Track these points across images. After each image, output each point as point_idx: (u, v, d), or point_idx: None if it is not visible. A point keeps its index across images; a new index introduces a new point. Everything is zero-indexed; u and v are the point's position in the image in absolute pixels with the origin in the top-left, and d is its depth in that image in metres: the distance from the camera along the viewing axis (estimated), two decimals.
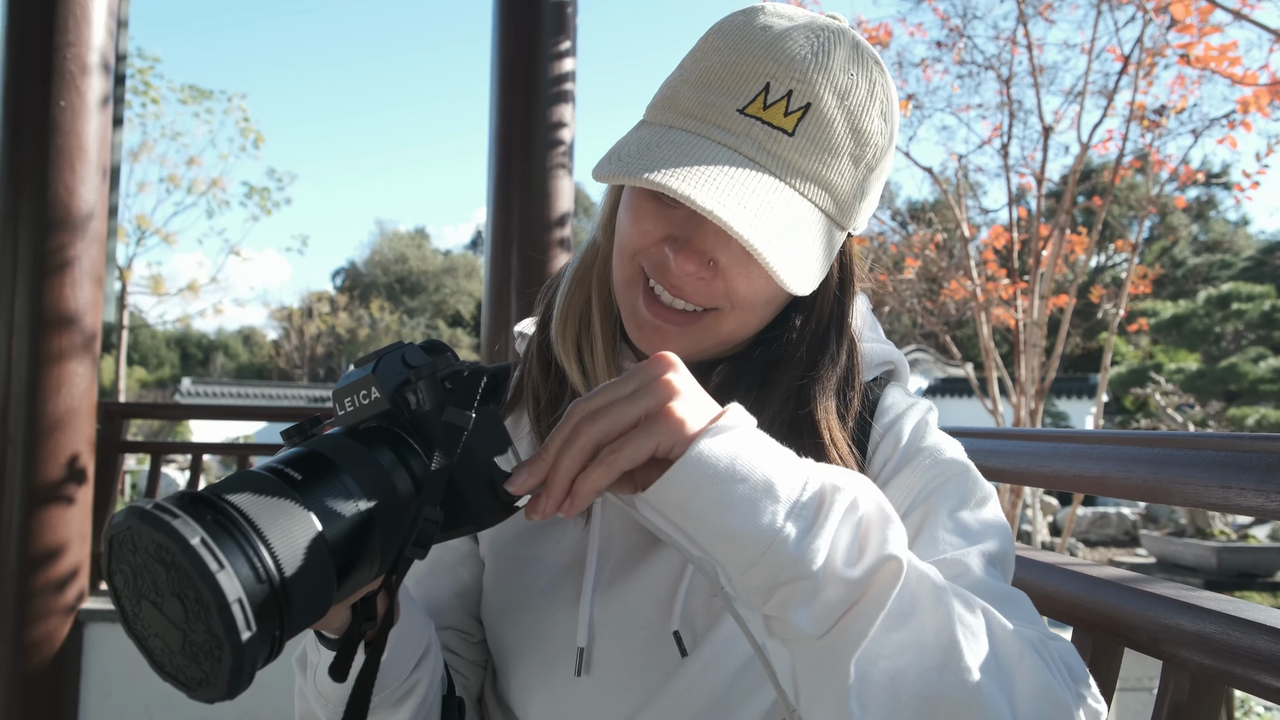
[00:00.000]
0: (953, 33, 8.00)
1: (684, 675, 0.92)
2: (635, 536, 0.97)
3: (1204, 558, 12.26)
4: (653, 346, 0.89)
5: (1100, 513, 16.12)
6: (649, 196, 0.88)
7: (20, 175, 3.73)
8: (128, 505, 0.60)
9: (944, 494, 0.88)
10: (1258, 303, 20.26)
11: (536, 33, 3.88)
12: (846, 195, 0.86)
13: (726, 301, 0.88)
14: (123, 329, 17.89)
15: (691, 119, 0.85)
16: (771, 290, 0.88)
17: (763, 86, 0.83)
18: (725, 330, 0.90)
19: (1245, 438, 1.04)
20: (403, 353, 0.74)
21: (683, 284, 0.87)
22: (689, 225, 0.86)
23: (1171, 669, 1.04)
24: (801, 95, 0.83)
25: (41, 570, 3.76)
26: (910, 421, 0.95)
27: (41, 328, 3.72)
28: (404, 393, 0.71)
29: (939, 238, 8.67)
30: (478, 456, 0.72)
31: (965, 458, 0.93)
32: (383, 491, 0.68)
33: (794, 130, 0.82)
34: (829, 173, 0.84)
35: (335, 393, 0.75)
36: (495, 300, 3.90)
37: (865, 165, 0.87)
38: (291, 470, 0.65)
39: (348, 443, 0.70)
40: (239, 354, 47.59)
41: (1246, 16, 3.99)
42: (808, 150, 0.83)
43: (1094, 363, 22.60)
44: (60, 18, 3.73)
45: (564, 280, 1.03)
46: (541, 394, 1.00)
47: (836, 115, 0.83)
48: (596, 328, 0.98)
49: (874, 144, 0.87)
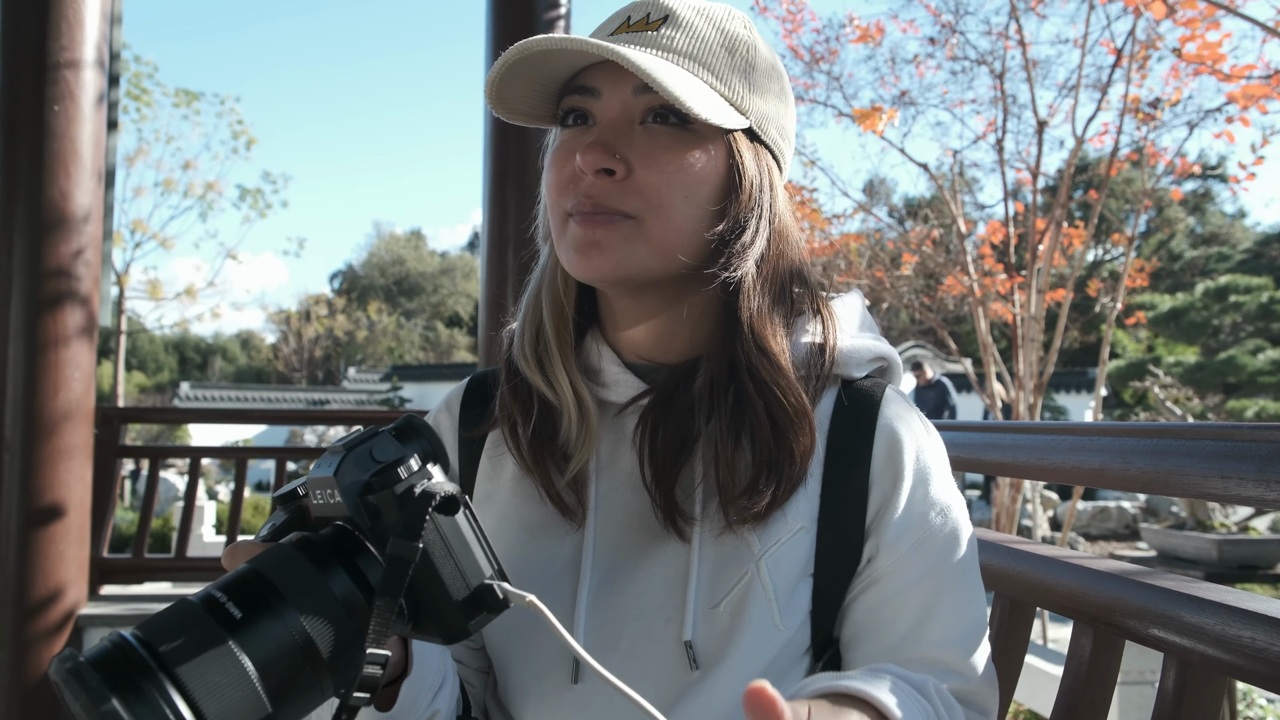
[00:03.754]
0: (945, 29, 7.99)
1: (693, 689, 0.90)
2: (633, 541, 0.95)
3: (1205, 550, 12.24)
4: (590, 262, 0.89)
5: (1100, 506, 16.13)
6: (558, 145, 0.93)
7: (15, 180, 3.72)
8: (58, 656, 0.57)
9: (950, 570, 0.93)
10: (1255, 294, 20.27)
11: (530, 33, 3.87)
12: (729, 78, 0.91)
13: (642, 201, 0.88)
14: (120, 333, 17.86)
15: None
16: (684, 179, 0.89)
17: (624, 19, 0.93)
18: (654, 234, 0.89)
19: (1244, 427, 1.04)
20: (371, 447, 0.69)
21: (596, 188, 0.88)
22: (590, 134, 0.91)
23: (1172, 661, 1.03)
24: (659, 12, 0.92)
25: (40, 576, 3.76)
26: (910, 456, 0.94)
27: (38, 332, 3.71)
28: (363, 504, 0.67)
29: (935, 233, 8.66)
30: (443, 576, 0.67)
31: (962, 509, 0.96)
32: (334, 626, 0.64)
33: (659, 31, 0.91)
34: (702, 53, 0.90)
35: (308, 481, 0.72)
36: (492, 301, 3.91)
37: (741, 58, 0.92)
38: (232, 606, 0.62)
39: (299, 565, 0.65)
40: (237, 357, 47.55)
41: (1236, 10, 3.98)
42: (675, 38, 0.90)
43: (1092, 357, 22.62)
44: (53, 21, 3.73)
45: (522, 302, 1.04)
46: (515, 413, 1.00)
47: (696, 19, 0.92)
48: (550, 334, 0.98)
49: (743, 41, 0.93)
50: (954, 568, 0.93)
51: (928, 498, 0.93)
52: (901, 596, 0.91)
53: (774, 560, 0.91)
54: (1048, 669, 4.65)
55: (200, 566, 4.57)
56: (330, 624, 0.64)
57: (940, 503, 0.94)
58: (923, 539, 0.92)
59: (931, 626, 0.90)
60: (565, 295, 0.99)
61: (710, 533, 0.92)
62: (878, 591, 0.92)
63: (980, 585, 0.96)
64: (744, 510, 0.90)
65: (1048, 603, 1.26)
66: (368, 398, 26.14)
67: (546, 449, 0.98)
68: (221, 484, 14.66)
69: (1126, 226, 8.32)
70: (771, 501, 0.90)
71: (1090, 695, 1.16)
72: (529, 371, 0.98)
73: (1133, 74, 6.52)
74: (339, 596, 0.65)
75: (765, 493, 0.89)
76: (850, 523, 0.93)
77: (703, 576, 0.92)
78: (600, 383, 1.00)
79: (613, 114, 0.90)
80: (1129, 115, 6.69)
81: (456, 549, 0.67)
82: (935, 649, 0.90)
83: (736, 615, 0.90)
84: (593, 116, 0.92)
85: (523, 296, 1.04)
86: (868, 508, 0.93)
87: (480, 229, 4.20)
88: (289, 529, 0.73)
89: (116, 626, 4.03)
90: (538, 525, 0.99)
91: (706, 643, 0.90)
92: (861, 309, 1.05)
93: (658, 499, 0.92)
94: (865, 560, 0.93)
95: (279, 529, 0.73)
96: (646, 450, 0.94)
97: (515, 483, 1.01)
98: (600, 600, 0.94)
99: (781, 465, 0.90)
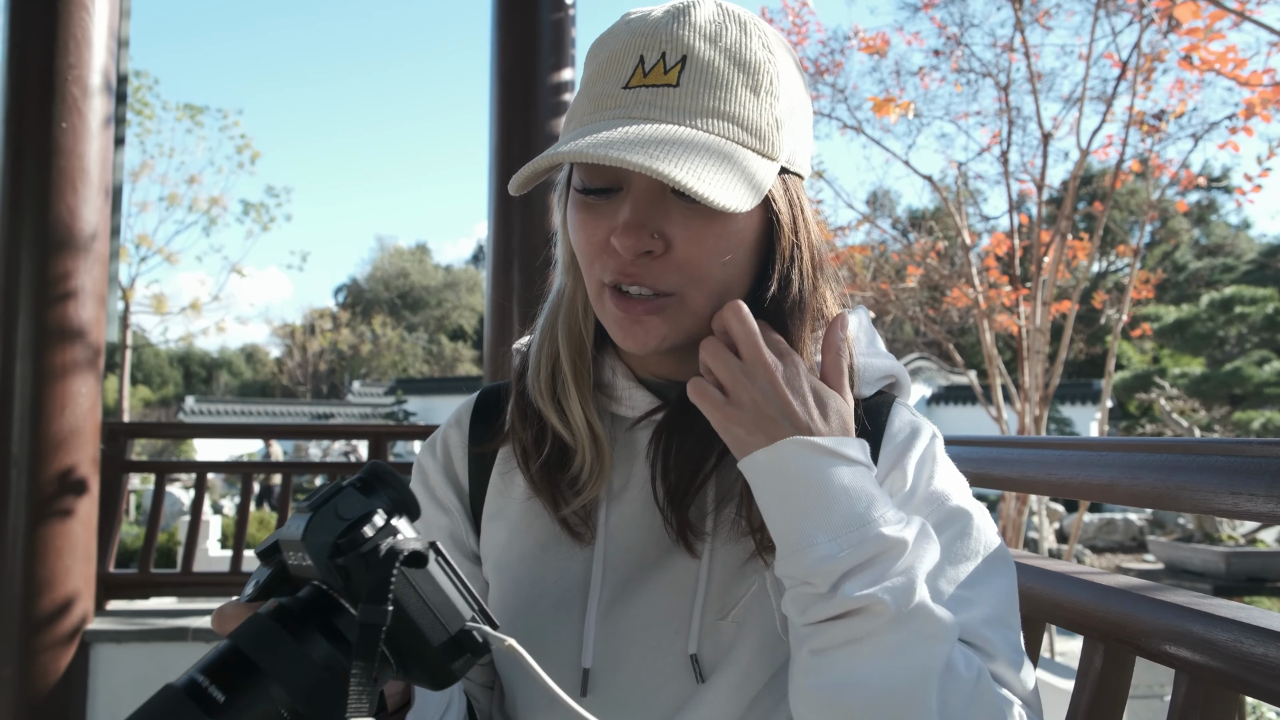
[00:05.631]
0: (950, 41, 8.02)
1: (696, 700, 0.90)
2: (642, 555, 0.95)
3: (1212, 563, 12.22)
4: (635, 340, 0.88)
5: (1107, 519, 16.08)
6: (583, 206, 0.89)
7: (22, 197, 3.74)
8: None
9: (951, 553, 0.88)
10: (1261, 305, 20.25)
11: (534, 47, 3.89)
12: (757, 123, 0.86)
13: (682, 277, 0.87)
14: (126, 348, 17.92)
15: (586, 115, 0.87)
16: (724, 247, 0.87)
17: (637, 60, 0.86)
18: (696, 307, 0.88)
19: (1253, 443, 1.04)
20: (336, 504, 0.68)
21: (635, 267, 0.86)
22: (623, 209, 0.86)
23: (1184, 676, 1.03)
24: (675, 53, 0.85)
25: (46, 591, 3.76)
26: (915, 456, 0.93)
27: (45, 348, 3.72)
28: (333, 566, 0.66)
29: (940, 245, 8.67)
30: (422, 627, 0.66)
31: (969, 500, 0.92)
32: (318, 693, 0.64)
33: (678, 81, 0.84)
34: (727, 105, 0.85)
35: (279, 540, 0.72)
36: (497, 315, 3.91)
37: (766, 92, 0.86)
38: (215, 689, 0.62)
39: (277, 637, 0.66)
40: (242, 371, 47.66)
41: (1249, 16, 3.98)
42: (698, 92, 0.84)
43: (1097, 368, 22.58)
44: (61, 40, 3.75)
45: (537, 330, 1.02)
46: (525, 440, 0.99)
47: (715, 56, 0.85)
48: (567, 372, 0.97)
49: (765, 71, 0.87)
50: (957, 551, 0.88)
51: (928, 492, 0.91)
52: None
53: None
54: (1056, 683, 4.63)
55: (205, 581, 4.57)
56: (314, 692, 0.64)
57: (943, 494, 0.91)
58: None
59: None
60: (585, 327, 0.99)
61: (722, 547, 0.92)
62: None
63: (999, 576, 0.89)
64: (771, 544, 0.88)
65: (1058, 619, 1.25)
66: (372, 411, 26.16)
67: (556, 478, 0.97)
68: (226, 498, 14.66)
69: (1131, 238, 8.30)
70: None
71: (1101, 711, 1.15)
72: (544, 407, 0.97)
73: (1137, 85, 6.53)
74: (319, 662, 0.65)
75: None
76: None
77: (711, 589, 0.92)
78: (613, 397, 1.00)
79: (643, 184, 0.86)
80: (1134, 127, 6.69)
81: (432, 598, 0.67)
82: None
83: (743, 627, 0.90)
84: (620, 183, 0.88)
85: (536, 322, 1.03)
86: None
87: (485, 242, 4.22)
88: (274, 584, 0.73)
89: (123, 641, 4.02)
90: (549, 541, 0.98)
91: (712, 655, 0.91)
92: (867, 324, 1.05)
93: (670, 516, 0.92)
94: None
95: (263, 586, 0.73)
96: (660, 468, 0.94)
97: (526, 499, 1.01)
98: (610, 614, 0.94)
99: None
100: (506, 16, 3.96)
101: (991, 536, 0.91)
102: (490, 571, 1.03)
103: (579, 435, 0.96)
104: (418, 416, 24.46)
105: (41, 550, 3.74)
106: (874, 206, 16.77)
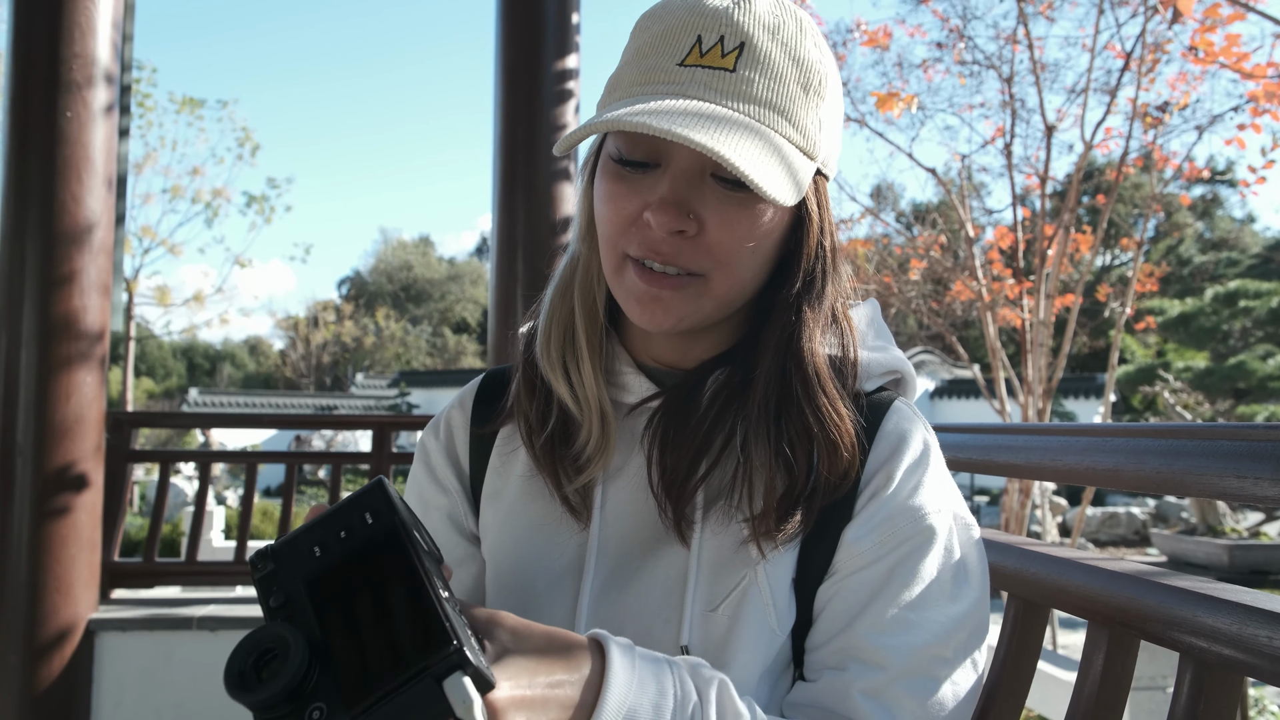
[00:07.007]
0: (952, 33, 7.99)
1: None
2: (634, 541, 0.95)
3: (1216, 555, 12.23)
4: (653, 317, 0.88)
5: (1110, 512, 16.07)
6: (616, 177, 0.88)
7: (27, 186, 3.74)
8: None
9: (905, 569, 0.88)
10: (1265, 299, 20.21)
11: (539, 37, 3.89)
12: (804, 121, 0.86)
13: (711, 260, 0.87)
14: (129, 340, 17.90)
15: (636, 86, 0.86)
16: (754, 236, 0.87)
17: (695, 39, 0.85)
18: (719, 291, 0.89)
19: (1259, 427, 1.04)
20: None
21: (667, 246, 0.86)
22: (660, 186, 0.86)
23: (1188, 660, 1.03)
24: (734, 38, 0.84)
25: (51, 580, 3.77)
26: (904, 463, 0.92)
27: (49, 338, 3.73)
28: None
29: (943, 239, 8.66)
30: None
31: (948, 518, 0.91)
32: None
33: (734, 67, 0.84)
34: (779, 98, 0.84)
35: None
36: (501, 306, 3.91)
37: (814, 92, 0.87)
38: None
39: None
40: (245, 364, 47.70)
41: (1251, 7, 3.97)
42: (753, 80, 0.84)
43: (1101, 362, 22.54)
44: (65, 29, 3.75)
45: (546, 298, 1.02)
46: (530, 414, 0.99)
47: (773, 48, 0.85)
48: (582, 341, 0.97)
49: (817, 71, 0.87)
50: (912, 568, 0.88)
51: (906, 503, 0.91)
52: (847, 587, 0.89)
53: (772, 564, 0.90)
54: (1058, 674, 4.64)
55: (210, 571, 4.58)
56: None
57: (918, 508, 0.90)
58: (884, 538, 0.89)
59: (864, 617, 0.87)
60: (599, 296, 0.99)
61: (712, 536, 0.92)
62: (829, 585, 0.91)
63: (954, 603, 0.89)
64: (770, 531, 0.89)
65: (1062, 604, 1.25)
66: (375, 403, 26.17)
67: (559, 453, 0.97)
68: (230, 489, 14.68)
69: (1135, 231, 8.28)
70: (803, 526, 0.90)
71: (1106, 696, 1.15)
72: (552, 375, 0.97)
73: (1141, 77, 6.52)
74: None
75: (794, 516, 0.89)
76: (832, 529, 0.91)
77: (702, 580, 0.91)
78: (613, 383, 1.00)
79: (684, 163, 0.86)
80: (1137, 120, 6.68)
81: None
82: (859, 639, 0.87)
83: (734, 619, 0.90)
84: (660, 159, 0.87)
85: (545, 292, 1.03)
86: (852, 515, 0.91)
87: (490, 234, 4.21)
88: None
89: (127, 630, 4.04)
90: (544, 523, 0.99)
91: (703, 646, 0.90)
92: (876, 318, 1.04)
93: (664, 503, 0.92)
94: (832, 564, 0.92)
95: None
96: (655, 454, 0.94)
97: (524, 480, 1.01)
98: (602, 600, 0.94)
99: (820, 491, 0.89)
100: (511, 6, 3.95)
101: (962, 559, 0.90)
102: (487, 551, 1.04)
103: (588, 407, 0.96)
104: (421, 409, 24.47)
105: (46, 539, 3.75)
106: (878, 200, 16.74)
